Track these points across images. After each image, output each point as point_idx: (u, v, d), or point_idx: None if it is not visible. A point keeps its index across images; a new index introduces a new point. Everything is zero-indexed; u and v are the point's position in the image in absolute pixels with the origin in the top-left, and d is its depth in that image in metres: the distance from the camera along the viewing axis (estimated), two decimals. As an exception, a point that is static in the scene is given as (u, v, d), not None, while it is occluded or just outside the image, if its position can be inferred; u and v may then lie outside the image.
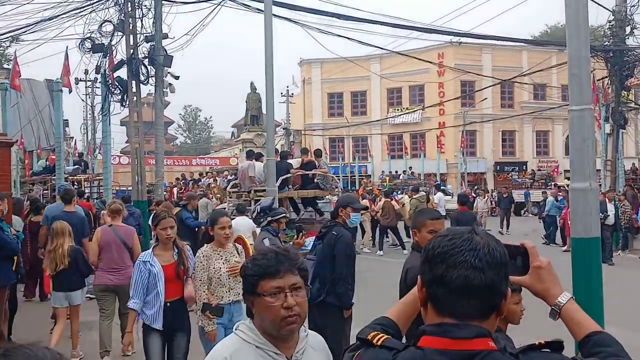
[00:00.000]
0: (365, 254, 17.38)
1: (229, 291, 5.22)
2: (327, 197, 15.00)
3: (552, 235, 20.75)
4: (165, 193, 19.81)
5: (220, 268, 5.18)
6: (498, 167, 46.77)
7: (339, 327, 5.28)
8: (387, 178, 36.15)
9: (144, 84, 13.84)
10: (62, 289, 7.12)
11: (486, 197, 27.33)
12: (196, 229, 10.31)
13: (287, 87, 46.32)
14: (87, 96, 39.49)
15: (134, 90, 13.98)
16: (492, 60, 45.08)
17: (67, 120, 29.73)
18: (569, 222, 18.18)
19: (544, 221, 21.91)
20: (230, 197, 15.15)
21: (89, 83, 38.47)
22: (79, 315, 7.31)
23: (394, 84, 46.03)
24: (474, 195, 28.62)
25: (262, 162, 14.77)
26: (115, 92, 13.92)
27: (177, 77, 14.28)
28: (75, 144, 37.28)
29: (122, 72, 14.16)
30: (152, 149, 18.58)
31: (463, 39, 38.42)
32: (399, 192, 25.67)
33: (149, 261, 5.05)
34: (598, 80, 21.27)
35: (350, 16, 16.25)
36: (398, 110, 47.74)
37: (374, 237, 19.08)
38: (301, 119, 49.09)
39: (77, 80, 29.62)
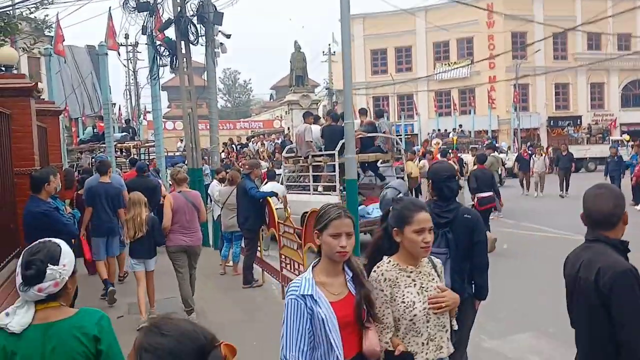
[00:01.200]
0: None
1: (427, 343, 3.04)
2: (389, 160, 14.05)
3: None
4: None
5: (414, 302, 3.00)
6: (552, 122, 44.87)
7: (472, 319, 4.63)
8: (455, 138, 34.42)
9: (193, 44, 12.89)
10: (139, 255, 7.61)
11: (544, 156, 25.23)
12: (260, 200, 9.46)
13: (329, 44, 45.06)
14: (129, 61, 38.91)
15: (184, 51, 13.07)
16: (544, 10, 42.78)
17: (109, 86, 29.19)
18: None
19: (612, 179, 20.47)
20: (287, 164, 14.30)
21: (129, 48, 37.83)
22: (153, 278, 7.85)
23: (441, 37, 44.26)
24: (529, 152, 26.83)
25: (320, 124, 13.86)
26: (164, 53, 13.04)
27: (228, 36, 13.24)
28: (119, 110, 36.93)
29: (170, 33, 13.28)
30: (201, 113, 17.82)
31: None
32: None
33: (311, 295, 2.85)
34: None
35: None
36: (445, 65, 45.87)
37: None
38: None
39: (118, 45, 28.95)
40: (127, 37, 34.91)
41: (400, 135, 39.21)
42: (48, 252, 2.48)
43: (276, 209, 9.57)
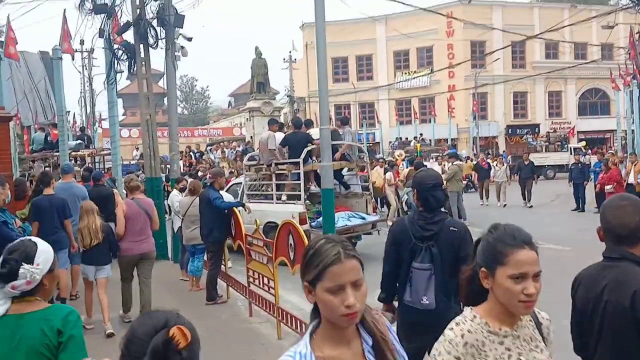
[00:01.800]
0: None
1: None
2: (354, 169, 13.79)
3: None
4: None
5: None
6: (510, 130, 45.39)
7: None
8: (418, 145, 34.21)
9: (153, 47, 12.36)
10: (93, 262, 7.65)
11: (505, 165, 24.84)
12: (226, 211, 8.98)
13: (290, 52, 44.66)
14: (84, 67, 37.82)
15: (143, 55, 12.53)
16: (503, 19, 43.35)
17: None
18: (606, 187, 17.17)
19: (575, 187, 20.52)
20: (248, 172, 13.86)
21: (85, 54, 36.76)
22: (106, 290, 7.71)
23: (401, 46, 44.39)
24: (487, 161, 26.09)
25: (284, 132, 13.50)
26: (122, 58, 12.46)
27: (189, 39, 12.79)
28: (74, 118, 35.84)
29: (129, 37, 12.73)
30: (158, 121, 17.19)
31: (473, -2, 36.89)
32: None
33: None
34: (637, 32, 19.81)
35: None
36: (406, 74, 46.06)
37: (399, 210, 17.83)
38: (305, 85, 47.37)
39: (74, 50, 28.06)
40: (82, 42, 33.96)
41: (363, 143, 39.09)
42: (24, 251, 2.60)
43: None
